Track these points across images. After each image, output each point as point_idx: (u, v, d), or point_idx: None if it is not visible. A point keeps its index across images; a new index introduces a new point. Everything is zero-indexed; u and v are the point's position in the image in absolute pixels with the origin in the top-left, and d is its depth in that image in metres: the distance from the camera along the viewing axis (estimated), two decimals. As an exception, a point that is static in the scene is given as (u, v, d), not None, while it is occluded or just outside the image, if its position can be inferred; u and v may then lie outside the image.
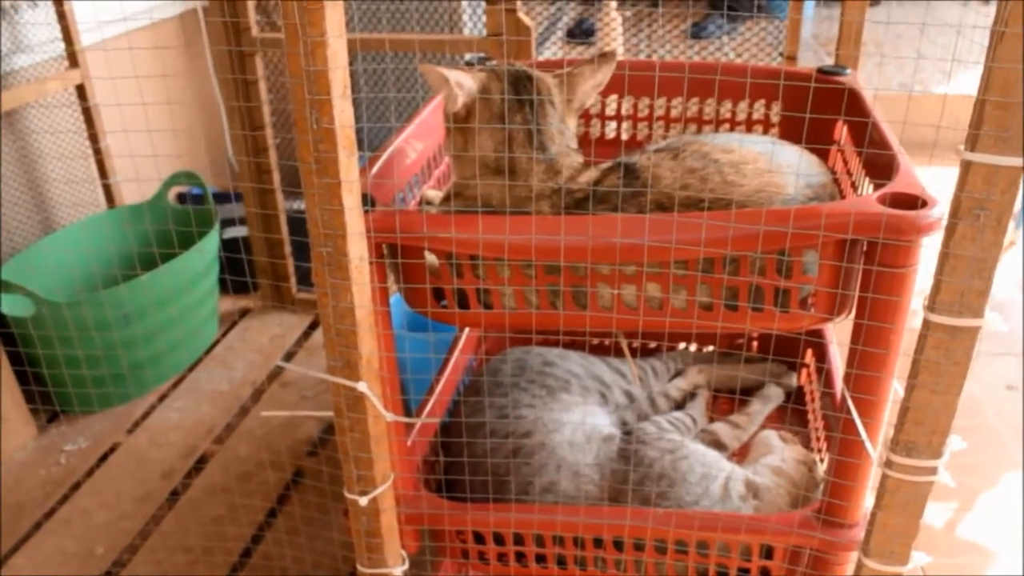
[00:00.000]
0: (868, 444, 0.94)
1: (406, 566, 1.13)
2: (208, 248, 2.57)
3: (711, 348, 1.70)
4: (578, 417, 1.37)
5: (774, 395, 1.56)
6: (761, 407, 1.53)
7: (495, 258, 1.01)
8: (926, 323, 0.82)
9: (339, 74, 0.84)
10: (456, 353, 1.52)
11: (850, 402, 0.96)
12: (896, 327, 0.92)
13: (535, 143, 1.10)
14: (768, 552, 1.17)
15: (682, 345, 1.69)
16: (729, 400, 1.59)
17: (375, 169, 1.11)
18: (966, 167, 0.77)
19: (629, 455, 1.30)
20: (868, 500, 1.06)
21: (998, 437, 2.12)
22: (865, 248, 0.95)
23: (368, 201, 1.00)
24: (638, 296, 1.01)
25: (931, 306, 0.83)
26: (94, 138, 2.76)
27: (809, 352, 1.59)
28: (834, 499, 1.06)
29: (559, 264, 0.99)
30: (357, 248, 0.90)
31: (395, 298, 2.43)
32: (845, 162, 1.29)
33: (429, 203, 1.25)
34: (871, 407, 0.97)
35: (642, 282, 0.99)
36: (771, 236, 0.92)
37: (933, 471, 0.87)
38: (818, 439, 1.43)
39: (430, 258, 1.06)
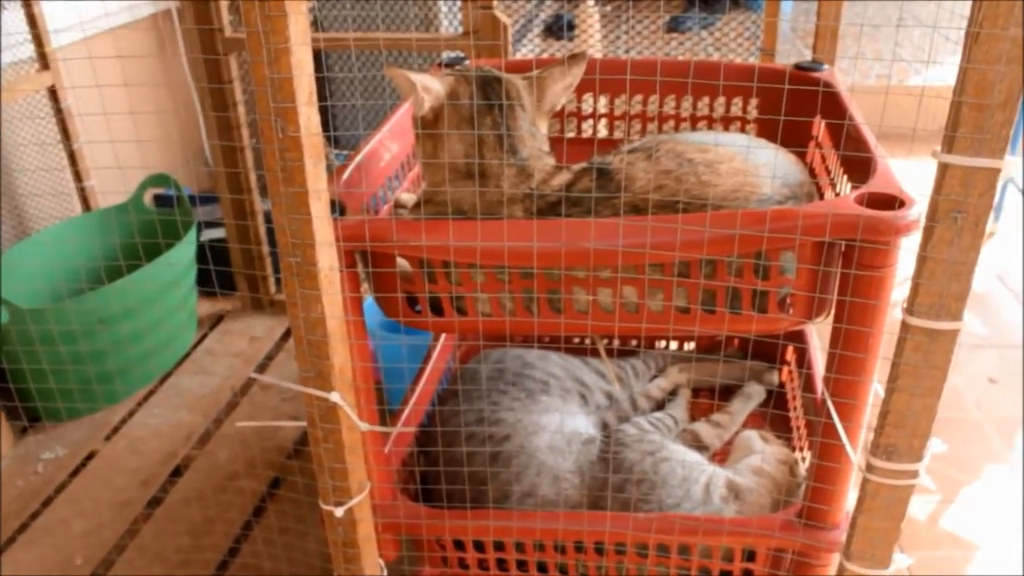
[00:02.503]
0: (849, 448, 0.93)
1: (384, 574, 1.11)
2: (184, 253, 2.54)
3: (691, 347, 1.69)
4: (558, 420, 1.35)
5: (755, 393, 1.55)
6: (742, 406, 1.52)
7: (468, 264, 0.99)
8: (904, 326, 0.81)
9: (304, 81, 0.82)
10: (432, 361, 1.50)
11: (831, 405, 0.95)
12: (874, 330, 0.91)
13: (505, 147, 1.08)
14: (750, 555, 1.16)
15: (661, 344, 1.68)
16: (710, 399, 1.58)
17: (345, 175, 1.09)
18: (943, 170, 0.76)
19: (609, 458, 1.29)
20: (850, 501, 1.06)
21: (980, 430, 2.12)
22: (843, 249, 0.94)
23: (337, 208, 0.98)
24: (614, 300, 0.99)
25: (909, 309, 0.82)
26: (67, 142, 2.73)
27: (790, 349, 1.58)
28: (815, 502, 1.05)
29: (533, 269, 0.98)
30: (326, 258, 0.88)
31: (370, 300, 2.41)
32: (823, 159, 1.28)
33: (403, 207, 1.24)
34: (851, 410, 0.96)
35: (618, 286, 0.98)
36: (747, 238, 0.90)
37: (914, 474, 0.86)
38: (800, 438, 1.43)
39: (403, 262, 1.04)
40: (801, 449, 1.39)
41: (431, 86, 1.07)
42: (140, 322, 2.44)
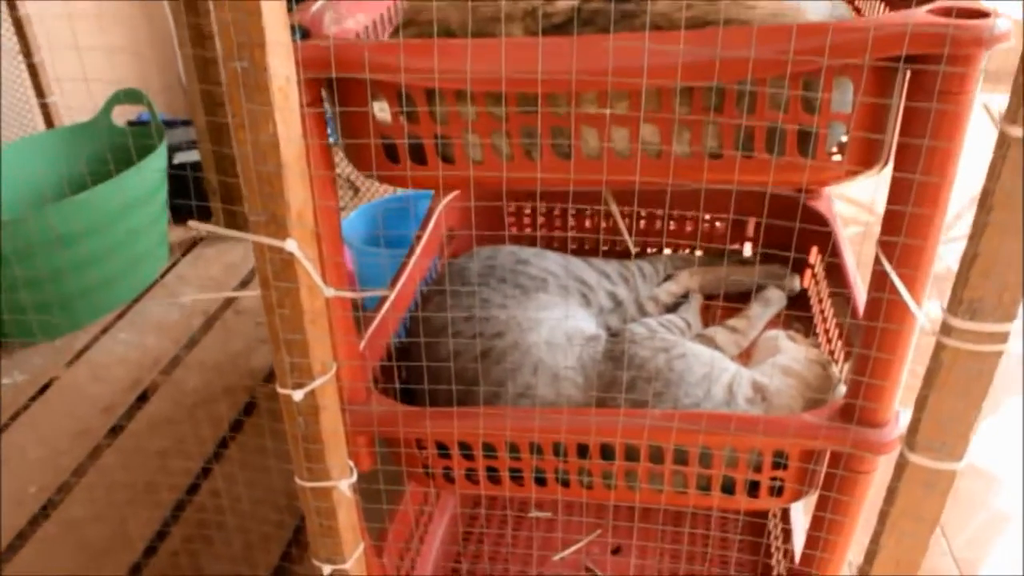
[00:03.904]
0: (913, 305, 0.76)
1: (354, 478, 0.95)
2: (151, 167, 2.36)
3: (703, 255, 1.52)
4: (557, 316, 1.19)
5: (775, 298, 1.38)
6: (762, 310, 1.35)
7: (456, 94, 0.82)
8: (1003, 138, 0.64)
9: None
10: (415, 256, 1.33)
11: (889, 267, 0.79)
12: (945, 179, 0.75)
13: None
14: (781, 461, 1.00)
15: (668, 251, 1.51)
16: (725, 309, 1.42)
17: (313, 8, 0.90)
18: None
19: (617, 356, 1.12)
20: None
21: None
22: (908, 77, 0.77)
23: (298, 31, 0.81)
24: (631, 142, 0.82)
25: (1012, 117, 0.65)
26: (27, 53, 2.54)
27: (813, 251, 1.42)
28: (860, 395, 0.88)
29: (535, 102, 0.81)
30: (280, 63, 0.70)
31: (356, 212, 2.25)
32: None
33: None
34: (912, 281, 0.79)
35: (638, 124, 0.81)
36: (799, 58, 0.73)
37: (1003, 338, 0.70)
38: (828, 341, 1.26)
39: (381, 114, 0.87)
40: (832, 353, 1.23)
41: None
42: (103, 242, 2.27)
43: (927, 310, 0.79)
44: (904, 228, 0.75)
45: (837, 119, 0.80)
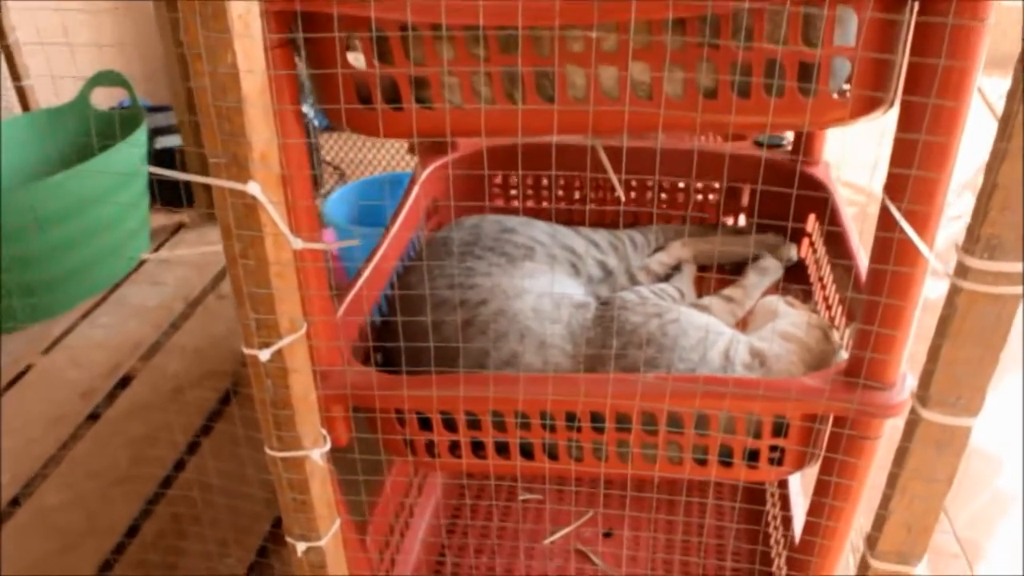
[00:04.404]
0: (923, 248, 0.70)
1: (327, 447, 0.89)
2: (130, 148, 2.30)
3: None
4: (544, 284, 1.13)
5: (771, 267, 1.33)
6: (758, 279, 1.30)
7: (432, 29, 0.76)
8: (1026, 59, 0.59)
9: None
10: (396, 224, 1.27)
11: (894, 211, 0.73)
12: (960, 102, 0.69)
13: None
14: (781, 428, 0.95)
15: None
16: (719, 280, 1.36)
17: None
18: None
19: (607, 323, 1.07)
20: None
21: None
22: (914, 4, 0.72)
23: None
24: (620, 80, 0.77)
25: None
26: (1, 34, 2.48)
27: (811, 219, 1.37)
28: (869, 347, 0.83)
29: (516, 39, 0.76)
30: (239, -14, 0.65)
31: (339, 193, 2.19)
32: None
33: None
34: (922, 221, 0.73)
35: (627, 59, 0.75)
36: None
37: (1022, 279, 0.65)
38: (828, 309, 1.21)
39: (356, 63, 0.82)
40: (832, 322, 1.18)
41: None
42: (83, 225, 2.21)
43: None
44: (916, 160, 0.69)
45: (840, 52, 0.74)
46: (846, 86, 0.78)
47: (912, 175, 0.68)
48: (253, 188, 0.69)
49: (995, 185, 0.61)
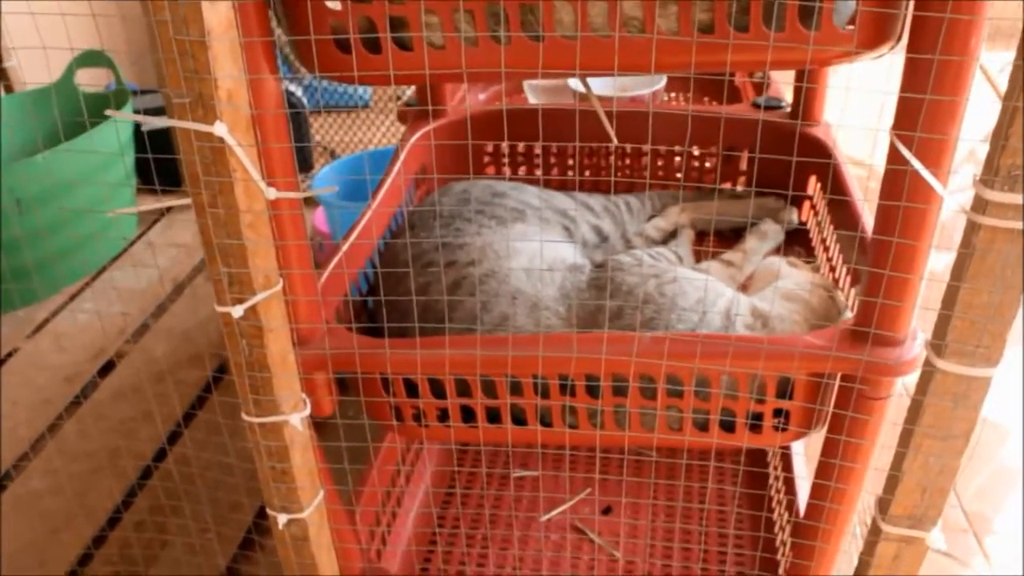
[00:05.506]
0: (936, 185, 0.65)
1: (307, 411, 0.84)
2: (113, 129, 2.25)
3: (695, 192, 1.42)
4: (536, 246, 1.09)
5: (772, 231, 1.28)
6: (758, 244, 1.26)
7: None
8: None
9: None
10: (383, 190, 1.23)
11: (902, 149, 0.68)
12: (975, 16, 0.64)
13: None
14: (785, 389, 0.90)
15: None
16: (718, 246, 1.32)
17: None
18: None
19: (602, 285, 1.02)
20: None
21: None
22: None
23: None
24: (610, 15, 0.72)
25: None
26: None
27: (812, 180, 1.32)
28: (880, 293, 0.78)
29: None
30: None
31: (328, 168, 2.14)
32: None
33: None
34: (934, 156, 0.69)
35: (616, -9, 0.71)
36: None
37: (1047, 213, 0.60)
38: (832, 270, 1.17)
39: (332, 4, 0.77)
40: (836, 281, 1.13)
41: None
42: (65, 208, 2.16)
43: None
44: (930, 84, 0.64)
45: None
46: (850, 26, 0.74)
47: (926, 99, 0.64)
48: (220, 129, 0.65)
49: (1016, 109, 0.56)
